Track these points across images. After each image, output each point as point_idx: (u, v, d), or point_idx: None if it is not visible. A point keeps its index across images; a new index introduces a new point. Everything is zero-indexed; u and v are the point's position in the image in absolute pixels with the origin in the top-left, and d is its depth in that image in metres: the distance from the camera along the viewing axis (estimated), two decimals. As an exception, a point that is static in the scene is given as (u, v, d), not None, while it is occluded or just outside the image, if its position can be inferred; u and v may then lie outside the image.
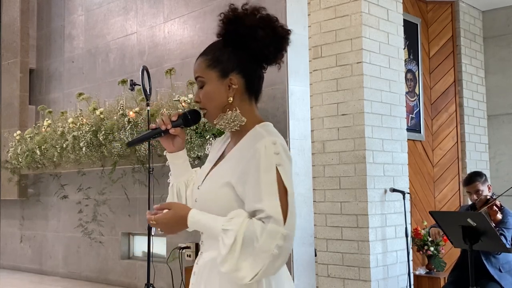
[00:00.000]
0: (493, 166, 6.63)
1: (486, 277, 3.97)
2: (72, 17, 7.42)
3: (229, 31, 1.66)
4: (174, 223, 1.66)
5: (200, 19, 5.72)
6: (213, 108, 1.69)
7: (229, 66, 1.67)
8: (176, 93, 5.23)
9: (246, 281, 1.51)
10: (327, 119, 4.98)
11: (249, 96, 1.71)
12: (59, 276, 7.02)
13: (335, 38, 4.95)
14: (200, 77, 1.71)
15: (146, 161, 5.17)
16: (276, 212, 1.51)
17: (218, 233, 1.55)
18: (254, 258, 1.50)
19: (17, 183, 7.37)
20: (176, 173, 1.87)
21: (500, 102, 6.68)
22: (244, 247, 1.50)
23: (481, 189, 4.18)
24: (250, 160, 1.57)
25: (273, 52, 1.68)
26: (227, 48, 1.68)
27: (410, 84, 6.01)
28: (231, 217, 1.56)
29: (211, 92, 1.68)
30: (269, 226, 1.50)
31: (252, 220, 1.53)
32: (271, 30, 1.65)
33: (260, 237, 1.49)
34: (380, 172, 4.84)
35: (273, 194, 1.53)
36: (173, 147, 1.83)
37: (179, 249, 5.47)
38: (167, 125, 1.76)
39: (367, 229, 4.65)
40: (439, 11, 6.40)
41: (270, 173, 1.54)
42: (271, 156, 1.55)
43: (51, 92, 7.67)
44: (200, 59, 1.72)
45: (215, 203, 1.63)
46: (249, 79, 1.69)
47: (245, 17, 1.64)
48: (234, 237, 1.50)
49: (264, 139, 1.58)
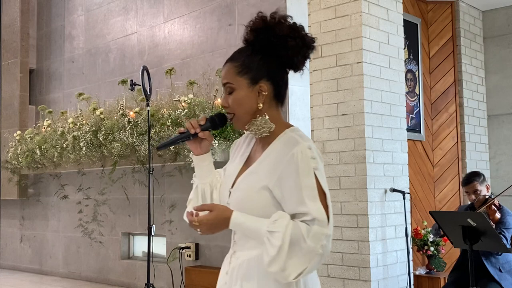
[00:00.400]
0: (493, 166, 6.63)
1: (486, 277, 3.97)
2: (72, 17, 7.42)
3: (260, 39, 1.71)
4: (217, 224, 1.69)
5: (200, 19, 5.72)
6: (242, 114, 1.74)
7: (259, 73, 1.72)
8: (176, 93, 5.23)
9: (290, 279, 1.60)
10: (327, 119, 4.98)
11: (276, 102, 1.77)
12: (59, 276, 7.03)
13: (335, 38, 4.95)
14: (229, 83, 1.74)
15: (146, 161, 5.17)
16: (321, 215, 1.60)
17: (262, 235, 1.62)
18: (299, 258, 1.58)
19: (17, 183, 7.37)
20: (201, 174, 1.89)
21: (500, 102, 6.67)
22: (291, 248, 1.58)
23: (479, 189, 4.18)
24: (287, 165, 1.64)
25: (301, 60, 1.74)
26: (256, 55, 1.72)
27: (410, 84, 6.01)
28: (275, 219, 1.62)
29: (241, 98, 1.72)
30: (314, 228, 1.58)
31: (296, 222, 1.61)
32: (300, 39, 1.71)
33: (307, 238, 1.57)
34: (380, 172, 4.84)
35: (315, 198, 1.61)
36: (200, 150, 1.86)
37: (179, 249, 5.47)
38: (196, 129, 1.81)
39: (367, 229, 4.65)
40: (439, 11, 6.40)
41: (309, 177, 1.62)
42: (309, 161, 1.63)
43: (51, 92, 7.67)
44: (229, 65, 1.75)
45: (252, 206, 1.69)
46: (277, 86, 1.75)
47: (275, 26, 1.70)
48: (282, 239, 1.58)
49: (300, 144, 1.65)
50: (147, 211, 4.72)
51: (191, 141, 1.84)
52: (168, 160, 5.22)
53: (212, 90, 5.04)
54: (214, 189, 1.89)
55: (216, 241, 5.29)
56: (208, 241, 5.40)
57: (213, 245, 5.35)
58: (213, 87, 5.05)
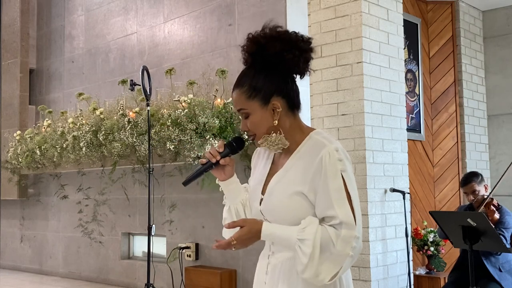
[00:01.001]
0: (493, 166, 6.63)
1: (486, 277, 3.97)
2: (72, 17, 7.42)
3: (257, 60, 1.73)
4: (250, 238, 1.72)
5: (200, 19, 5.72)
6: (262, 134, 1.76)
7: (268, 92, 1.73)
8: (176, 93, 5.23)
9: (325, 282, 1.63)
10: (327, 119, 4.98)
11: (292, 112, 1.78)
12: (59, 276, 7.03)
13: (335, 38, 4.95)
14: (243, 109, 1.76)
15: (146, 161, 5.17)
16: (348, 218, 1.62)
17: (293, 243, 1.65)
18: (331, 262, 1.62)
19: (17, 183, 7.37)
20: (231, 196, 1.92)
21: (500, 102, 6.67)
22: (322, 254, 1.62)
23: (478, 189, 4.18)
24: (317, 168, 1.66)
25: (303, 66, 1.75)
26: (260, 75, 1.74)
27: (410, 84, 6.01)
28: (304, 226, 1.65)
29: (259, 121, 1.74)
30: (343, 232, 1.61)
31: (324, 227, 1.64)
32: (297, 50, 1.71)
33: (336, 243, 1.61)
34: (380, 172, 4.84)
35: (343, 200, 1.64)
36: (225, 175, 1.88)
37: (179, 249, 5.47)
38: (216, 157, 1.83)
39: (367, 229, 4.65)
40: (439, 11, 6.40)
41: (337, 180, 1.64)
42: (336, 163, 1.65)
43: (51, 92, 7.67)
44: (238, 92, 1.76)
45: (286, 212, 1.71)
46: (289, 97, 1.76)
47: (266, 45, 1.70)
48: (312, 246, 1.61)
49: (327, 146, 1.67)
50: (147, 211, 4.72)
51: (214, 169, 1.86)
52: (168, 160, 5.22)
53: (212, 90, 5.04)
54: (247, 206, 1.92)
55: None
56: (208, 241, 5.40)
57: (213, 245, 5.34)
58: (213, 87, 5.05)
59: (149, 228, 4.66)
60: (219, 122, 4.70)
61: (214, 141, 4.65)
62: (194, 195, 5.47)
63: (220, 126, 4.72)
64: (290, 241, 1.66)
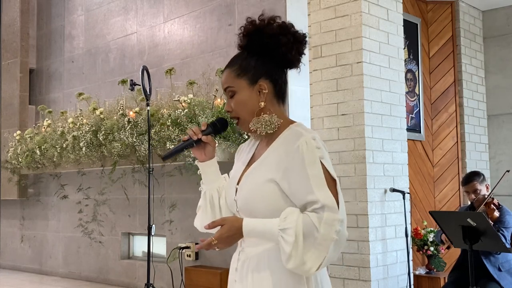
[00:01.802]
0: (493, 166, 6.63)
1: (486, 277, 3.97)
2: (72, 17, 7.42)
3: (253, 42, 1.76)
4: (232, 236, 1.70)
5: (200, 19, 5.72)
6: (246, 115, 1.77)
7: (257, 72, 1.75)
8: (176, 93, 5.23)
9: (312, 271, 1.59)
10: (327, 119, 4.98)
11: (277, 99, 1.80)
12: (59, 276, 7.03)
13: (335, 38, 4.95)
14: (230, 87, 1.78)
15: (146, 161, 5.16)
16: (330, 201, 1.60)
17: (276, 235, 1.63)
18: (316, 248, 1.58)
19: (17, 183, 7.37)
20: (208, 180, 1.91)
21: (500, 102, 6.67)
22: (306, 241, 1.58)
23: (479, 189, 4.19)
24: (293, 157, 1.65)
25: (295, 55, 1.77)
26: (252, 57, 1.77)
27: (410, 84, 6.01)
28: (285, 216, 1.63)
29: (243, 99, 1.76)
30: (325, 215, 1.58)
31: (305, 214, 1.61)
32: (291, 35, 1.74)
33: (319, 227, 1.57)
34: (380, 172, 4.84)
35: (322, 185, 1.62)
36: (205, 156, 1.88)
37: (179, 249, 5.47)
38: (198, 135, 1.84)
39: (367, 229, 4.65)
40: (439, 11, 6.40)
41: (316, 166, 1.63)
42: (314, 151, 1.64)
43: (51, 92, 7.67)
44: (227, 71, 1.79)
45: (260, 200, 1.69)
46: (276, 84, 1.78)
47: (264, 27, 1.74)
48: (295, 234, 1.58)
49: (304, 136, 1.67)
50: (147, 211, 4.72)
51: (195, 148, 1.87)
52: (168, 160, 5.22)
53: (212, 90, 5.04)
54: (222, 195, 1.90)
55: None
56: (208, 241, 5.39)
57: (213, 245, 5.34)
58: (213, 87, 5.05)
59: (149, 228, 4.66)
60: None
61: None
62: (194, 195, 5.47)
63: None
64: (272, 233, 1.64)
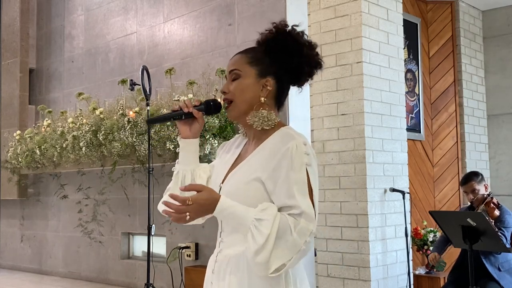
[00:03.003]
0: (493, 166, 6.63)
1: (486, 277, 3.98)
2: (72, 17, 7.41)
3: (277, 40, 1.74)
4: (207, 206, 1.62)
5: (200, 19, 5.72)
6: (241, 102, 1.74)
7: (269, 69, 1.75)
8: (176, 93, 5.23)
9: (269, 272, 1.56)
10: (327, 119, 4.98)
11: (275, 102, 1.79)
12: (59, 276, 7.02)
13: (335, 38, 4.95)
14: (237, 69, 1.75)
15: (146, 161, 5.16)
16: (309, 210, 1.59)
17: (248, 222, 1.59)
18: (283, 250, 1.56)
19: (17, 183, 7.37)
20: (184, 161, 1.87)
21: (500, 102, 6.67)
22: (278, 239, 1.56)
23: (477, 188, 4.20)
24: (282, 158, 1.63)
25: (307, 72, 1.77)
26: (270, 53, 1.75)
27: (410, 84, 6.01)
28: (263, 208, 1.60)
29: (246, 86, 1.74)
30: (301, 222, 1.57)
31: (284, 214, 1.59)
32: (313, 52, 1.77)
33: (294, 231, 1.56)
34: (380, 172, 4.84)
35: (305, 193, 1.61)
36: (190, 132, 1.84)
37: (179, 249, 5.47)
38: (189, 108, 1.80)
39: (367, 228, 4.65)
40: (439, 11, 6.40)
41: (301, 172, 1.62)
42: (302, 156, 1.63)
43: (51, 92, 7.66)
44: (240, 55, 1.78)
45: (243, 198, 1.65)
46: (281, 88, 1.78)
47: (295, 34, 1.75)
48: (270, 228, 1.55)
49: (296, 139, 1.65)
50: (147, 211, 4.72)
51: (182, 121, 1.83)
52: (168, 160, 5.22)
53: (212, 90, 5.04)
54: (197, 178, 1.86)
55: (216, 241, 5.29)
56: (208, 241, 5.40)
57: (213, 245, 5.33)
58: (213, 87, 5.05)
59: (149, 228, 4.66)
60: (219, 122, 4.70)
61: (214, 140, 4.66)
62: (194, 195, 5.46)
63: (220, 126, 4.72)
64: (245, 220, 1.60)
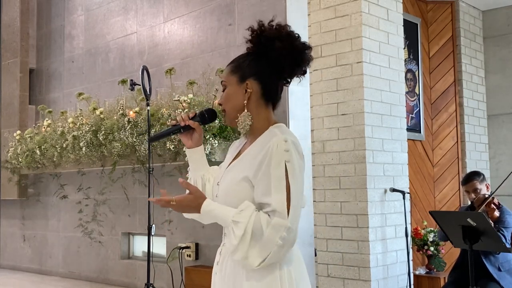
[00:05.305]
0: (493, 166, 6.63)
1: (486, 277, 3.98)
2: (72, 17, 7.42)
3: (253, 42, 1.85)
4: (190, 206, 1.79)
5: (200, 19, 5.72)
6: (230, 109, 1.86)
7: (247, 72, 1.84)
8: (176, 93, 5.23)
9: (254, 266, 1.68)
10: (327, 119, 4.98)
11: (265, 101, 1.86)
12: (59, 276, 7.02)
13: (335, 38, 4.95)
14: (224, 81, 1.90)
15: (146, 161, 5.16)
16: (281, 207, 1.67)
17: (228, 224, 1.72)
18: (260, 247, 1.66)
19: (17, 183, 7.37)
20: (194, 167, 2.00)
21: (500, 102, 6.68)
22: (253, 238, 1.66)
23: (479, 188, 4.19)
24: (263, 156, 1.72)
25: (289, 64, 1.82)
26: (249, 56, 1.86)
27: (410, 84, 6.01)
28: (241, 209, 1.71)
29: (230, 94, 1.86)
30: (274, 219, 1.66)
31: (259, 213, 1.69)
32: (288, 43, 1.79)
33: (266, 229, 1.65)
34: (380, 172, 4.84)
35: (281, 189, 1.68)
36: (192, 143, 1.97)
37: (179, 249, 5.47)
38: (186, 121, 1.92)
39: (367, 229, 4.65)
40: (439, 11, 6.40)
41: (279, 169, 1.69)
42: (282, 153, 1.70)
43: (51, 92, 7.66)
44: (227, 66, 1.91)
45: (235, 197, 1.77)
46: (265, 86, 1.85)
47: (267, 30, 1.83)
48: (244, 229, 1.66)
49: (277, 137, 1.73)
50: (147, 211, 4.72)
51: (183, 134, 1.96)
52: (168, 160, 5.22)
53: (212, 90, 5.04)
54: (207, 182, 1.98)
55: (216, 241, 5.29)
56: (208, 241, 5.40)
57: (213, 245, 5.35)
58: (213, 86, 5.05)
59: (149, 228, 4.66)
60: (219, 122, 4.70)
61: (214, 141, 4.66)
62: (194, 195, 5.46)
63: (220, 126, 4.72)
64: (226, 221, 1.73)
